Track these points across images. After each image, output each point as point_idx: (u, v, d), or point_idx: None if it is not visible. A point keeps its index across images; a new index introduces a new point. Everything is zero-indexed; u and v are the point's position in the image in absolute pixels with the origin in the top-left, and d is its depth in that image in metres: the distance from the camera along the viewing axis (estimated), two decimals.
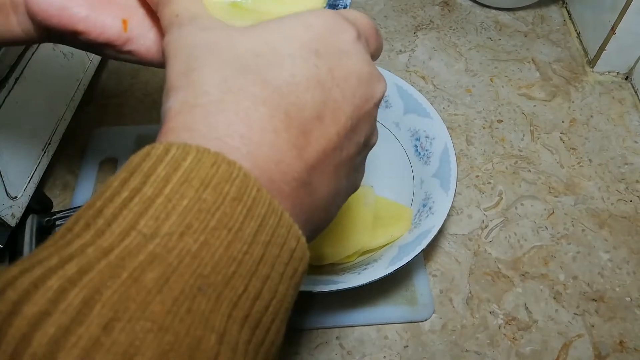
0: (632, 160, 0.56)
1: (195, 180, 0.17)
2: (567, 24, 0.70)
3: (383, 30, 0.68)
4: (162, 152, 0.18)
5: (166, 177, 0.17)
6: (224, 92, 0.20)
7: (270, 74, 0.21)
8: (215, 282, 0.16)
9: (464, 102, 0.61)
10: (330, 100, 0.22)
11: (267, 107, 0.20)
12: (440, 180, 0.45)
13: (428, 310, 0.45)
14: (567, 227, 0.51)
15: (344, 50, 0.22)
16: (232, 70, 0.20)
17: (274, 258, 0.18)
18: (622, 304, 0.46)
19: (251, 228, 0.18)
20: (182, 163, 0.18)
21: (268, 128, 0.19)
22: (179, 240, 0.16)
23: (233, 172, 0.18)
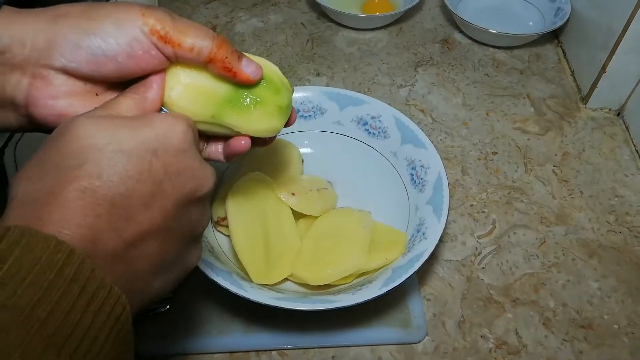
0: (622, 193, 0.58)
1: (44, 263, 0.22)
2: (562, 62, 0.73)
3: (385, 65, 0.72)
4: (18, 236, 0.22)
5: (20, 258, 0.22)
6: (58, 185, 0.24)
7: (106, 167, 0.25)
8: (56, 342, 0.22)
9: (461, 134, 0.64)
10: (159, 191, 0.27)
11: (94, 197, 0.25)
12: (433, 207, 0.47)
13: (421, 333, 0.47)
14: (558, 256, 0.53)
15: (181, 149, 0.28)
16: (70, 163, 0.25)
17: (101, 323, 0.23)
18: (610, 331, 0.48)
19: (84, 300, 0.23)
20: (34, 248, 0.22)
21: (90, 214, 0.24)
22: (31, 312, 0.21)
23: (73, 258, 0.23)
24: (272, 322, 0.47)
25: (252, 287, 0.43)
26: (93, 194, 0.25)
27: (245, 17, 0.80)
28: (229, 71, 0.32)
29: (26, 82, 0.30)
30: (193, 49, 0.31)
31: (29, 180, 0.25)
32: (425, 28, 0.78)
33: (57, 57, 0.29)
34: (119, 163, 0.26)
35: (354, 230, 0.48)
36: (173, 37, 0.30)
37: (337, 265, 0.45)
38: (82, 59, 0.29)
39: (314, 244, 0.47)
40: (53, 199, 0.24)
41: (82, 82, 0.30)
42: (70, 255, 0.23)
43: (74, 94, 0.30)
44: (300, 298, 0.42)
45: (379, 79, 0.70)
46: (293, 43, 0.76)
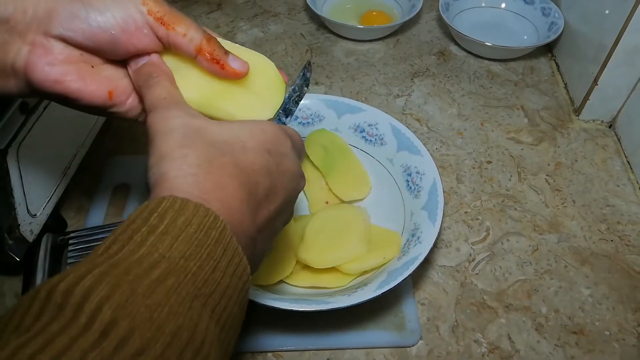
0: (613, 202, 0.59)
1: (194, 224, 0.25)
2: (555, 75, 0.75)
3: (382, 76, 0.73)
4: (172, 202, 0.25)
5: (175, 219, 0.25)
6: (210, 166, 0.28)
7: (240, 159, 0.29)
8: (204, 294, 0.24)
9: (456, 143, 0.65)
10: (274, 186, 0.31)
11: (238, 182, 0.28)
12: (428, 212, 0.48)
13: (415, 337, 0.47)
14: (550, 263, 0.54)
15: (284, 154, 0.32)
16: (214, 152, 0.28)
17: (235, 285, 0.26)
18: (601, 337, 0.48)
19: (225, 262, 0.26)
20: (185, 211, 0.25)
21: (237, 197, 0.28)
22: (184, 263, 0.24)
23: (217, 223, 0.26)
24: (268, 323, 0.47)
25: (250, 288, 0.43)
26: (237, 179, 0.28)
27: (246, 27, 0.81)
28: (217, 62, 0.34)
29: (26, 49, 0.31)
30: (186, 34, 0.33)
31: (177, 160, 0.27)
32: (422, 40, 0.80)
33: (55, 25, 0.31)
34: (248, 157, 0.29)
35: (354, 222, 0.50)
36: (169, 21, 0.32)
37: (340, 249, 0.47)
38: (78, 29, 0.31)
39: (317, 232, 0.49)
40: (208, 178, 0.27)
41: (78, 51, 0.32)
42: (215, 220, 0.25)
43: (70, 62, 0.32)
44: (296, 299, 0.43)
45: (376, 88, 0.72)
46: (292, 53, 0.77)
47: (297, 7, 0.85)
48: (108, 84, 0.34)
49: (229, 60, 0.34)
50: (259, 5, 0.85)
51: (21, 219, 0.45)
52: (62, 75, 0.32)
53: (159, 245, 0.24)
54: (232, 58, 0.35)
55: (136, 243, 0.24)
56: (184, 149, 0.28)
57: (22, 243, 0.46)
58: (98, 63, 0.34)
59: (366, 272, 0.48)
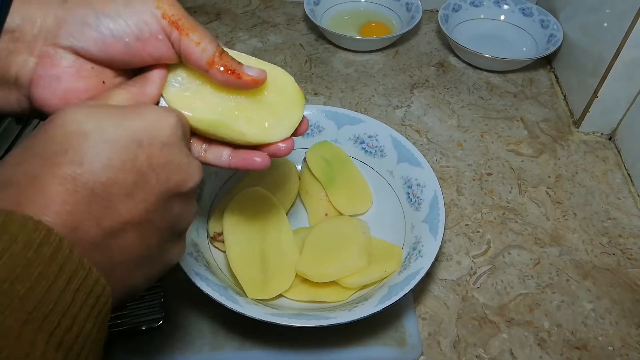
0: (614, 215, 0.59)
1: (21, 242, 0.22)
2: (554, 87, 0.75)
3: (382, 87, 0.73)
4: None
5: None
6: (41, 169, 0.24)
7: (89, 155, 0.25)
8: (37, 317, 0.22)
9: (456, 155, 0.65)
10: (142, 182, 0.27)
11: (74, 183, 0.25)
12: (429, 225, 0.47)
13: (416, 352, 0.47)
14: (552, 276, 0.53)
15: (168, 143, 0.28)
16: (54, 148, 0.25)
17: (81, 301, 0.23)
18: (604, 352, 0.47)
19: (63, 279, 0.23)
20: (10, 228, 0.22)
21: (69, 201, 0.24)
22: (10, 287, 0.21)
23: (51, 237, 0.23)
24: (267, 339, 0.46)
25: (248, 303, 0.42)
26: (73, 181, 0.24)
27: (244, 37, 0.81)
28: (232, 73, 0.32)
29: (33, 61, 0.29)
30: (199, 43, 0.31)
31: (12, 165, 0.25)
32: (421, 51, 0.80)
33: (65, 35, 0.29)
34: (102, 151, 0.25)
35: (354, 235, 0.49)
36: (183, 26, 0.30)
37: (340, 262, 0.46)
38: (90, 39, 0.29)
39: (316, 244, 0.48)
40: (33, 184, 0.24)
41: (89, 65, 0.30)
42: (48, 235, 0.23)
43: (80, 77, 0.30)
44: (296, 315, 0.42)
45: (376, 99, 0.71)
46: (292, 63, 0.77)
47: (296, 18, 0.85)
48: None
49: (244, 69, 0.32)
50: (258, 15, 0.85)
51: None
52: (70, 93, 0.30)
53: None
54: (247, 67, 0.33)
55: None
56: (18, 152, 0.25)
57: None
58: (109, 78, 0.32)
59: (366, 285, 0.47)
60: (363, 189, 0.55)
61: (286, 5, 0.87)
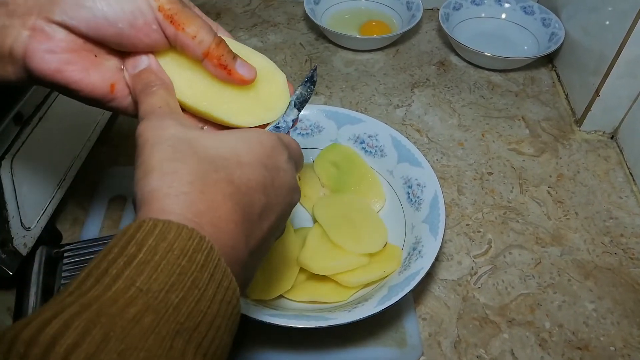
0: (616, 214, 0.58)
1: (177, 249, 0.23)
2: (556, 86, 0.74)
3: (382, 86, 0.73)
4: (152, 226, 0.23)
5: (155, 246, 0.22)
6: (203, 184, 0.25)
7: (235, 175, 0.26)
8: (188, 328, 0.22)
9: (457, 154, 0.64)
10: (270, 203, 0.28)
11: (232, 202, 0.26)
12: (429, 225, 0.47)
13: (417, 353, 0.46)
14: (554, 276, 0.53)
15: (281, 167, 0.30)
16: (208, 167, 0.26)
17: (223, 312, 0.24)
18: (606, 353, 0.47)
19: (212, 289, 0.23)
20: (167, 236, 0.23)
21: (230, 219, 0.25)
22: (165, 296, 0.22)
23: (203, 244, 0.23)
24: (267, 339, 0.46)
25: (248, 303, 0.42)
26: (231, 199, 0.26)
27: (245, 36, 0.81)
28: (224, 68, 0.32)
29: (26, 34, 0.29)
30: (195, 37, 0.31)
31: (168, 176, 0.25)
32: (422, 50, 0.79)
33: (58, 11, 0.29)
34: (244, 173, 0.27)
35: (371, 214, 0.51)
36: (178, 20, 0.31)
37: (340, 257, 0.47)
38: (82, 18, 0.29)
39: (319, 238, 0.48)
40: (200, 198, 0.25)
41: (81, 39, 0.30)
42: (201, 242, 0.23)
43: (72, 50, 0.30)
44: (295, 315, 0.42)
45: (376, 99, 0.71)
46: (292, 63, 0.76)
47: (296, 17, 0.85)
48: (111, 76, 0.32)
49: (236, 66, 0.33)
50: (258, 15, 0.85)
51: (15, 232, 0.44)
52: (63, 65, 0.30)
53: (137, 278, 0.22)
54: (240, 63, 0.33)
55: (112, 276, 0.22)
56: (175, 163, 0.25)
57: (15, 257, 0.45)
58: (102, 53, 0.32)
59: (366, 285, 0.47)
60: (374, 188, 0.54)
61: (286, 4, 0.87)
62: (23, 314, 0.46)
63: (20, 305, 0.46)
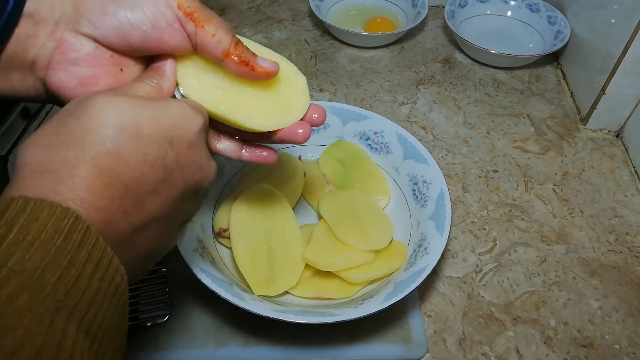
0: (622, 213, 0.58)
1: (50, 229, 0.22)
2: (561, 84, 0.74)
3: (387, 83, 0.73)
4: (22, 205, 0.23)
5: (27, 226, 0.22)
6: (77, 159, 0.24)
7: (126, 149, 0.26)
8: (67, 305, 0.22)
9: (462, 152, 0.64)
10: (169, 180, 0.27)
11: (110, 177, 0.25)
12: (435, 222, 0.47)
13: (422, 349, 0.46)
14: (559, 274, 0.53)
15: (194, 142, 0.29)
16: (92, 139, 0.25)
17: (104, 290, 0.23)
18: (611, 351, 0.47)
19: (91, 267, 0.23)
20: (40, 215, 0.22)
21: (106, 195, 0.25)
22: (41, 275, 0.21)
23: (79, 224, 0.23)
24: (272, 335, 0.46)
25: (253, 299, 0.42)
26: (109, 174, 0.25)
27: (249, 33, 0.81)
28: (246, 64, 0.32)
29: (51, 45, 0.29)
30: (215, 35, 0.31)
31: (43, 149, 0.25)
32: (427, 47, 0.79)
33: (85, 22, 0.29)
34: (138, 146, 0.26)
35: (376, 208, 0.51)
36: (198, 18, 0.31)
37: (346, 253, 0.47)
38: (108, 26, 0.30)
39: (325, 233, 0.48)
40: (71, 174, 0.24)
41: (108, 53, 0.31)
42: (76, 222, 0.23)
43: (98, 64, 0.30)
44: (301, 311, 0.42)
45: (381, 96, 0.71)
46: (297, 59, 0.76)
47: (301, 14, 0.85)
48: None
49: (258, 61, 0.33)
50: (263, 11, 0.85)
51: None
52: (88, 78, 0.30)
53: (8, 259, 0.21)
54: (260, 59, 0.33)
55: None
56: (54, 137, 0.25)
57: None
58: (127, 65, 0.32)
59: (371, 282, 0.47)
60: (380, 184, 0.54)
61: (291, 1, 0.87)
62: None
63: None
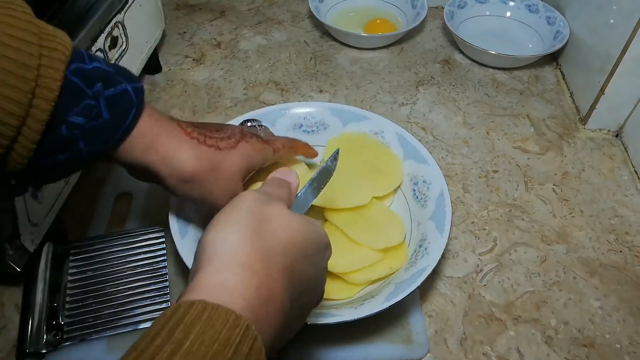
0: (622, 212, 0.58)
1: (223, 339, 0.22)
2: (561, 84, 0.74)
3: (387, 84, 0.73)
4: (199, 311, 0.23)
5: (201, 332, 0.22)
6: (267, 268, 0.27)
7: (296, 265, 0.29)
8: None
9: (462, 152, 0.64)
10: (314, 292, 0.33)
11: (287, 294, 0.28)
12: (435, 222, 0.47)
13: (423, 350, 0.46)
14: (559, 274, 0.53)
15: (325, 258, 0.34)
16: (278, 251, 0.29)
17: None
18: (612, 350, 0.47)
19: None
20: (214, 323, 0.23)
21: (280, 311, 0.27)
22: None
23: (249, 334, 0.23)
24: None
25: None
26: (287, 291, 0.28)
27: (249, 34, 0.81)
28: (309, 149, 0.50)
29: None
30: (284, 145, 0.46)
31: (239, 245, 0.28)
32: (426, 48, 0.79)
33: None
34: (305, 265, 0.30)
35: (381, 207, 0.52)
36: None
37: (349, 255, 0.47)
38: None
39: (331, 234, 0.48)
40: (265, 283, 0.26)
41: None
42: (247, 331, 0.23)
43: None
44: None
45: (381, 97, 0.71)
46: (296, 61, 0.77)
47: (300, 15, 0.85)
48: None
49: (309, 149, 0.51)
50: (263, 12, 0.85)
51: (22, 228, 0.45)
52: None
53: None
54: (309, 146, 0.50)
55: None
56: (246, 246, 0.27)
57: (23, 253, 0.45)
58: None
59: (373, 282, 0.47)
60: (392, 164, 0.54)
61: (291, 2, 0.87)
62: (30, 310, 0.46)
63: (28, 301, 0.46)
